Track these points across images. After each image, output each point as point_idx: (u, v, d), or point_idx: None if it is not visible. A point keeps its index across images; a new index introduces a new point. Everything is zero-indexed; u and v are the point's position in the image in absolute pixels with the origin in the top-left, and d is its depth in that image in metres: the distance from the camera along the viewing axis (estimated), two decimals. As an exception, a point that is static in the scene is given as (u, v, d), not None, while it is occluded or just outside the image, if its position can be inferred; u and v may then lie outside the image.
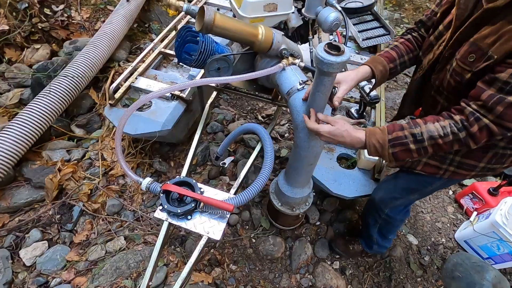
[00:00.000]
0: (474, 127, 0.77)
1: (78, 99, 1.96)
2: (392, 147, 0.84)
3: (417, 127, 0.82)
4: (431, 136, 0.81)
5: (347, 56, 0.80)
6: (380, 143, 0.85)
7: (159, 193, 1.08)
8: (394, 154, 0.85)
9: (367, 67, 1.03)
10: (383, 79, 1.08)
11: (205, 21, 1.01)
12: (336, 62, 0.78)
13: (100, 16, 2.49)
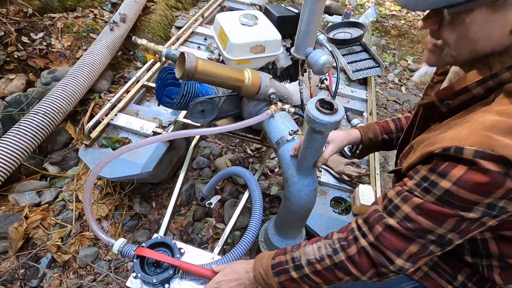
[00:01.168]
0: (352, 248, 0.64)
1: (53, 134, 1.82)
2: (276, 275, 0.71)
3: (297, 250, 0.71)
4: (308, 261, 0.68)
5: (341, 114, 0.72)
6: (264, 270, 0.72)
7: (132, 257, 0.95)
8: (281, 283, 0.71)
9: (357, 132, 0.97)
10: (371, 148, 1.01)
11: (186, 68, 0.92)
12: (330, 122, 0.70)
13: (82, 44, 2.40)
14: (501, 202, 0.50)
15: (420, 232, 0.57)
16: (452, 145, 0.51)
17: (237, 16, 1.20)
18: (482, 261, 0.70)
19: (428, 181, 0.55)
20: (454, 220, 0.54)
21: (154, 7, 2.99)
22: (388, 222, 0.60)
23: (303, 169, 0.92)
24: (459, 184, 0.50)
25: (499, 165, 0.47)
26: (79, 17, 2.52)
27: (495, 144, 0.47)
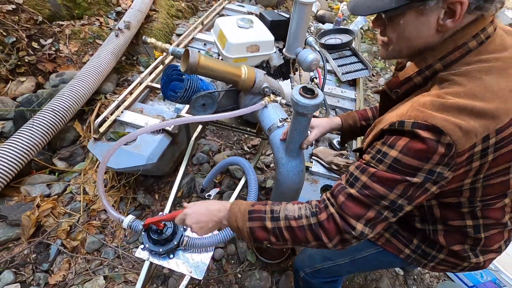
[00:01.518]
0: (323, 214, 0.70)
1: (62, 131, 1.94)
2: (250, 220, 0.75)
3: (278, 205, 0.77)
4: (286, 216, 0.73)
5: (320, 99, 0.85)
6: (241, 213, 0.77)
7: (140, 231, 1.06)
8: (252, 229, 0.75)
9: (339, 119, 1.10)
10: (351, 134, 1.11)
11: (190, 62, 1.06)
12: (310, 104, 0.83)
13: (89, 49, 2.55)
14: (438, 168, 0.60)
15: (375, 199, 0.65)
16: (396, 120, 0.62)
17: (234, 20, 1.34)
18: (429, 226, 0.83)
19: (380, 152, 0.65)
20: (402, 186, 0.63)
21: (156, 15, 3.16)
22: (349, 191, 0.68)
23: (291, 151, 1.05)
24: (404, 151, 0.61)
25: (432, 133, 0.57)
26: (85, 25, 2.67)
27: (428, 116, 0.58)
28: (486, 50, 0.63)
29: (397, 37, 0.67)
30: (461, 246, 0.81)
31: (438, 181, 0.63)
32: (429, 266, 0.90)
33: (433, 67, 0.65)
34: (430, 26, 0.62)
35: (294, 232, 0.72)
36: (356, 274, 1.66)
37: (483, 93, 0.59)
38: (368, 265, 1.03)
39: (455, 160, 0.59)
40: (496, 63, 0.62)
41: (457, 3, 0.57)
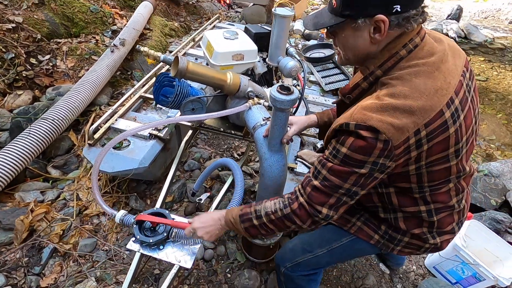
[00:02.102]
0: (294, 204, 0.85)
1: (57, 141, 2.01)
2: (242, 222, 0.92)
3: (259, 205, 0.92)
4: (266, 213, 0.89)
5: (295, 95, 0.96)
6: (234, 219, 0.94)
7: (132, 224, 1.12)
8: (246, 229, 0.93)
9: (315, 117, 1.22)
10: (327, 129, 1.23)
11: (179, 68, 1.17)
12: (287, 100, 0.94)
13: (85, 65, 2.66)
14: (380, 159, 0.72)
15: (334, 188, 0.79)
16: (343, 122, 0.74)
17: (221, 32, 1.47)
18: (391, 215, 0.95)
19: (335, 149, 0.77)
20: (354, 176, 0.76)
21: (150, 34, 3.33)
22: (314, 183, 0.81)
23: (272, 146, 1.14)
24: (351, 148, 0.73)
25: (371, 132, 0.70)
26: (82, 42, 2.81)
27: (367, 118, 0.70)
28: (415, 56, 0.75)
29: (343, 47, 0.82)
30: (420, 229, 0.93)
31: (383, 170, 0.76)
32: (396, 249, 1.00)
33: (374, 73, 0.79)
34: (365, 38, 0.75)
35: (275, 223, 0.89)
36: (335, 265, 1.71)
37: (412, 93, 0.71)
38: (344, 254, 1.11)
39: (393, 152, 0.71)
40: (423, 67, 0.74)
41: (380, 21, 0.70)
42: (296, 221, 0.85)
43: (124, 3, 3.69)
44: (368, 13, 0.71)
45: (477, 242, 1.78)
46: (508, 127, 3.78)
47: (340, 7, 0.73)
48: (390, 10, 0.69)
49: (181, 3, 4.73)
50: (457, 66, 0.79)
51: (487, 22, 7.42)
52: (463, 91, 0.77)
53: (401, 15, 0.70)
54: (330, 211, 0.82)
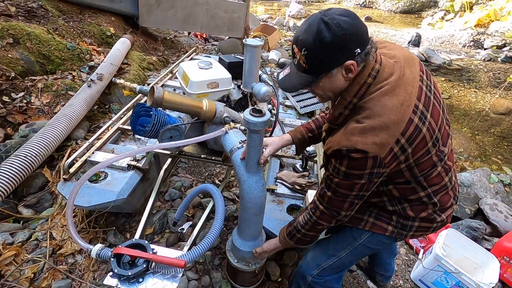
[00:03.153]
0: (317, 212, 1.06)
1: (29, 178, 1.93)
2: (291, 239, 1.17)
3: (295, 221, 1.16)
4: (302, 226, 1.12)
5: (267, 117, 1.02)
6: (284, 238, 1.19)
7: (109, 258, 1.08)
8: (296, 242, 1.17)
9: (289, 136, 1.30)
10: (302, 145, 1.33)
11: (155, 97, 1.20)
12: (259, 121, 0.99)
13: (61, 100, 2.64)
14: (374, 170, 0.87)
15: (344, 196, 0.96)
16: (335, 148, 0.88)
17: (195, 63, 1.54)
18: (398, 206, 1.06)
19: (335, 168, 0.93)
20: (357, 186, 0.92)
21: (128, 68, 3.39)
22: (328, 194, 1.00)
23: (250, 168, 1.17)
24: (348, 167, 0.89)
25: (360, 154, 0.84)
26: (58, 78, 2.81)
27: (353, 143, 0.84)
28: (379, 80, 0.89)
29: (321, 91, 0.96)
30: (426, 212, 1.04)
31: (380, 176, 0.91)
32: (409, 235, 1.11)
33: (352, 102, 0.93)
34: (339, 79, 0.90)
35: (311, 230, 1.11)
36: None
37: (383, 111, 0.85)
38: (366, 250, 1.19)
39: (383, 162, 0.86)
40: (387, 87, 0.87)
41: (350, 65, 0.85)
42: (324, 224, 1.07)
43: (101, 40, 3.78)
44: (339, 64, 0.85)
45: (456, 251, 1.84)
46: (473, 139, 4.04)
47: (313, 68, 0.87)
48: (354, 54, 0.84)
49: (158, 38, 4.89)
50: (414, 73, 0.93)
51: (444, 46, 8.16)
52: (424, 93, 0.91)
53: (362, 53, 0.84)
54: (347, 212, 1.02)
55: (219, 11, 4.61)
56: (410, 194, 1.01)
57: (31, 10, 3.31)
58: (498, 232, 2.26)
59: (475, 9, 9.48)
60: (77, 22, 3.65)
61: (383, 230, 1.11)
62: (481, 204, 2.45)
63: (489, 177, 2.72)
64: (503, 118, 4.49)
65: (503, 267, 1.89)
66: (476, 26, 8.57)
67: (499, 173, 2.92)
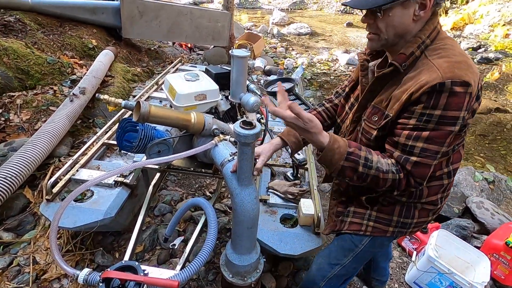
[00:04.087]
0: (401, 174, 0.89)
1: (9, 200, 1.84)
2: (346, 160, 0.88)
3: (371, 155, 0.91)
4: (378, 167, 0.88)
5: (258, 129, 1.00)
6: (340, 150, 0.88)
7: (98, 282, 1.03)
8: (343, 167, 0.89)
9: (278, 139, 1.25)
10: (298, 147, 1.27)
11: (141, 112, 1.17)
12: (250, 134, 0.97)
13: (42, 116, 2.55)
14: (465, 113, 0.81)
15: (433, 156, 0.85)
16: (435, 82, 0.79)
17: (182, 75, 1.52)
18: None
19: (425, 115, 0.82)
20: (449, 137, 0.84)
21: (112, 80, 3.32)
22: (413, 160, 0.86)
23: (242, 181, 1.15)
24: (445, 108, 0.79)
25: (464, 87, 0.78)
26: (38, 94, 2.72)
27: (460, 74, 0.78)
28: (442, 32, 0.91)
29: (386, 26, 0.88)
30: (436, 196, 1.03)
31: (464, 124, 0.86)
32: (408, 232, 1.11)
33: (425, 42, 0.88)
34: (410, 16, 0.86)
35: (378, 180, 0.90)
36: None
37: (462, 53, 0.84)
38: (368, 254, 1.17)
39: (471, 104, 0.82)
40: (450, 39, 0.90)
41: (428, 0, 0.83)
42: (395, 188, 0.91)
43: (83, 52, 3.70)
44: None
45: (448, 251, 1.86)
46: (456, 139, 4.14)
47: None
48: None
49: (142, 49, 4.84)
50: None
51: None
52: None
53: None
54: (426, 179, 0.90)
55: (203, 21, 4.61)
56: (438, 169, 0.97)
57: (8, 24, 3.21)
58: (485, 229, 2.31)
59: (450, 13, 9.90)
60: (57, 35, 3.57)
61: (383, 232, 1.09)
62: (468, 202, 2.50)
63: (474, 176, 2.80)
64: (483, 117, 4.66)
65: (493, 264, 1.92)
66: (452, 29, 8.94)
67: (482, 171, 3.00)
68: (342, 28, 9.93)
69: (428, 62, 0.85)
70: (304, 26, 9.03)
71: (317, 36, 8.92)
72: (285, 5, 13.28)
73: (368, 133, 0.98)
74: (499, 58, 7.04)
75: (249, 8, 12.92)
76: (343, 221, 1.17)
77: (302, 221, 1.54)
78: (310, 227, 1.55)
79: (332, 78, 5.58)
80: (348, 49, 7.41)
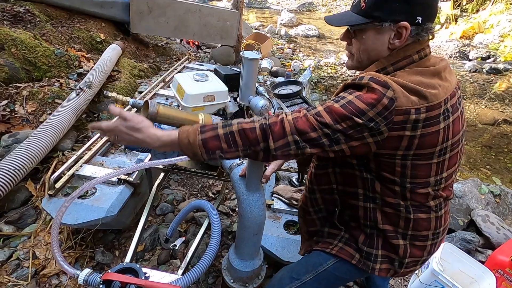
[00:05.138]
0: (273, 118, 0.81)
1: (11, 192, 1.83)
2: (202, 132, 0.81)
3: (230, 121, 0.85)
4: (239, 122, 0.82)
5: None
6: (193, 130, 0.82)
7: (98, 284, 1.01)
8: (204, 140, 0.80)
9: None
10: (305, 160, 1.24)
11: (150, 112, 1.15)
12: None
13: (47, 109, 2.54)
14: (378, 118, 0.73)
15: (321, 124, 0.77)
16: (363, 75, 0.78)
17: (191, 75, 1.50)
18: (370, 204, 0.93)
19: (340, 96, 0.79)
20: (347, 122, 0.75)
21: (118, 75, 3.30)
22: (306, 113, 0.79)
23: (250, 186, 1.12)
24: (358, 97, 0.75)
25: (382, 87, 0.74)
26: (45, 86, 2.70)
27: (384, 78, 0.75)
28: (424, 64, 0.83)
29: (359, 49, 0.88)
30: (392, 227, 0.92)
31: (375, 133, 0.76)
32: (376, 268, 0.97)
33: (386, 70, 0.85)
34: (383, 42, 0.83)
35: (246, 133, 0.79)
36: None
37: (421, 82, 0.78)
38: (331, 278, 1.07)
39: (392, 116, 0.74)
40: (428, 70, 0.82)
41: (403, 28, 0.79)
42: (268, 136, 0.78)
43: (91, 46, 3.69)
44: (394, 18, 0.79)
45: (452, 265, 1.83)
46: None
47: (370, 8, 0.81)
48: (413, 20, 0.78)
49: (150, 45, 4.82)
50: (452, 81, 0.88)
51: (431, 57, 8.34)
52: (455, 100, 0.86)
53: (420, 26, 0.79)
54: (302, 143, 0.78)
55: (211, 19, 4.59)
56: (389, 195, 0.89)
57: (17, 15, 3.20)
58: (490, 243, 2.27)
59: (459, 21, 9.82)
60: (65, 28, 3.56)
61: (349, 256, 0.99)
62: (473, 215, 2.47)
63: (479, 188, 2.76)
64: (489, 128, 4.61)
65: (497, 281, 1.89)
66: (461, 38, 8.86)
67: (488, 183, 2.96)
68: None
69: None
70: (312, 28, 8.98)
71: (325, 39, 8.88)
72: (294, 6, 13.23)
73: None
74: (508, 69, 6.97)
75: (257, 8, 12.89)
76: (317, 241, 1.11)
77: (307, 229, 1.51)
78: (314, 235, 1.52)
79: (338, 82, 5.54)
80: (356, 53, 7.36)
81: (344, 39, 0.92)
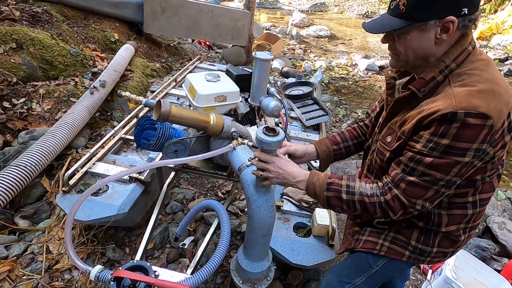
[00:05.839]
0: (388, 195, 0.87)
1: (27, 188, 1.88)
2: (328, 190, 0.93)
3: (353, 182, 0.93)
4: (361, 192, 0.90)
5: (281, 136, 0.97)
6: (319, 182, 0.94)
7: (109, 281, 1.02)
8: (328, 197, 0.93)
9: (313, 146, 1.21)
10: (327, 158, 1.22)
11: (162, 112, 1.16)
12: (273, 141, 0.94)
13: (62, 107, 2.60)
14: (483, 145, 0.75)
15: (434, 181, 0.80)
16: (447, 111, 0.74)
17: (203, 75, 1.51)
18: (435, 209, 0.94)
19: (432, 142, 0.77)
20: (456, 167, 0.77)
21: (131, 75, 3.36)
22: (409, 179, 0.82)
23: (260, 187, 1.12)
24: (455, 138, 0.74)
25: (480, 119, 0.72)
26: (60, 84, 2.77)
27: (476, 105, 0.72)
28: (476, 53, 0.83)
29: (404, 49, 0.85)
30: (456, 226, 0.94)
31: (483, 157, 0.78)
32: (427, 261, 1.02)
33: (449, 67, 0.82)
34: (430, 39, 0.81)
35: (366, 206, 0.90)
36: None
37: (493, 78, 0.77)
38: (382, 277, 1.11)
39: (494, 137, 0.75)
40: (484, 62, 0.82)
41: (450, 22, 0.77)
42: (388, 211, 0.87)
43: (105, 46, 3.76)
44: (439, 15, 0.77)
45: (467, 273, 1.77)
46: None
47: (411, 11, 0.78)
48: (459, 13, 0.76)
49: (162, 45, 4.88)
50: None
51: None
52: None
53: (466, 17, 0.77)
54: (426, 202, 0.84)
55: (223, 20, 4.61)
56: (458, 196, 0.90)
57: (36, 15, 3.29)
58: (506, 252, 2.20)
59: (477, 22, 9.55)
60: (81, 28, 3.64)
61: (399, 255, 1.02)
62: (489, 222, 2.39)
63: (496, 194, 2.67)
64: (507, 132, 4.46)
65: (514, 290, 1.82)
66: (478, 39, 8.62)
67: (505, 189, 2.87)
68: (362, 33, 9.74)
69: (449, 89, 0.79)
70: (324, 29, 8.91)
71: (337, 40, 8.79)
72: (305, 7, 13.16)
73: (382, 154, 0.96)
74: (527, 71, 6.73)
75: (268, 8, 12.88)
76: (358, 239, 1.11)
77: (316, 232, 1.50)
78: (324, 238, 1.50)
79: (350, 83, 5.47)
80: (368, 54, 7.26)
81: (385, 42, 0.90)
